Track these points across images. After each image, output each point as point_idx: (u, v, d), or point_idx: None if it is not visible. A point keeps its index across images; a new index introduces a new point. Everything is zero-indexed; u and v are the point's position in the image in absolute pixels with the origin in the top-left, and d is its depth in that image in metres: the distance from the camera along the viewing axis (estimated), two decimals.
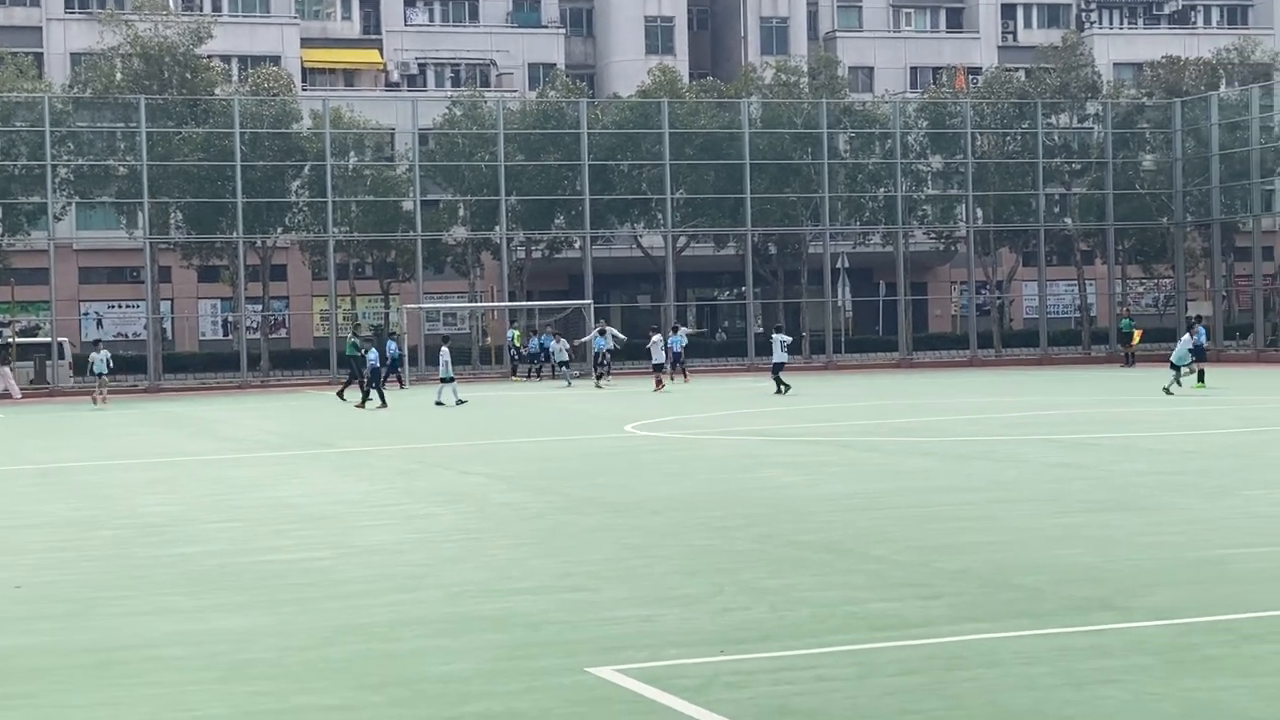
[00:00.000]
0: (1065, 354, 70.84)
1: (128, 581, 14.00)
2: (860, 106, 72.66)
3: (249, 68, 74.66)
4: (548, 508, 18.58)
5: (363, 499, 20.26)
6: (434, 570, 14.05)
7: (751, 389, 48.22)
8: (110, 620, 12.12)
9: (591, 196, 65.68)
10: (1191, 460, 22.26)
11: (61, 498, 21.40)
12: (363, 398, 42.88)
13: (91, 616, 12.29)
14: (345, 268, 68.63)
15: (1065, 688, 9.01)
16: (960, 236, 72.07)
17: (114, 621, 12.06)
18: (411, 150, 65.63)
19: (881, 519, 16.69)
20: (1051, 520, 16.26)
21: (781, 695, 9.03)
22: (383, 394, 42.85)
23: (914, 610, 11.55)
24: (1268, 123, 68.43)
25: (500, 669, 9.95)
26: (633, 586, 12.89)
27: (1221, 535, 14.91)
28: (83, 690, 9.73)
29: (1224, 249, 70.74)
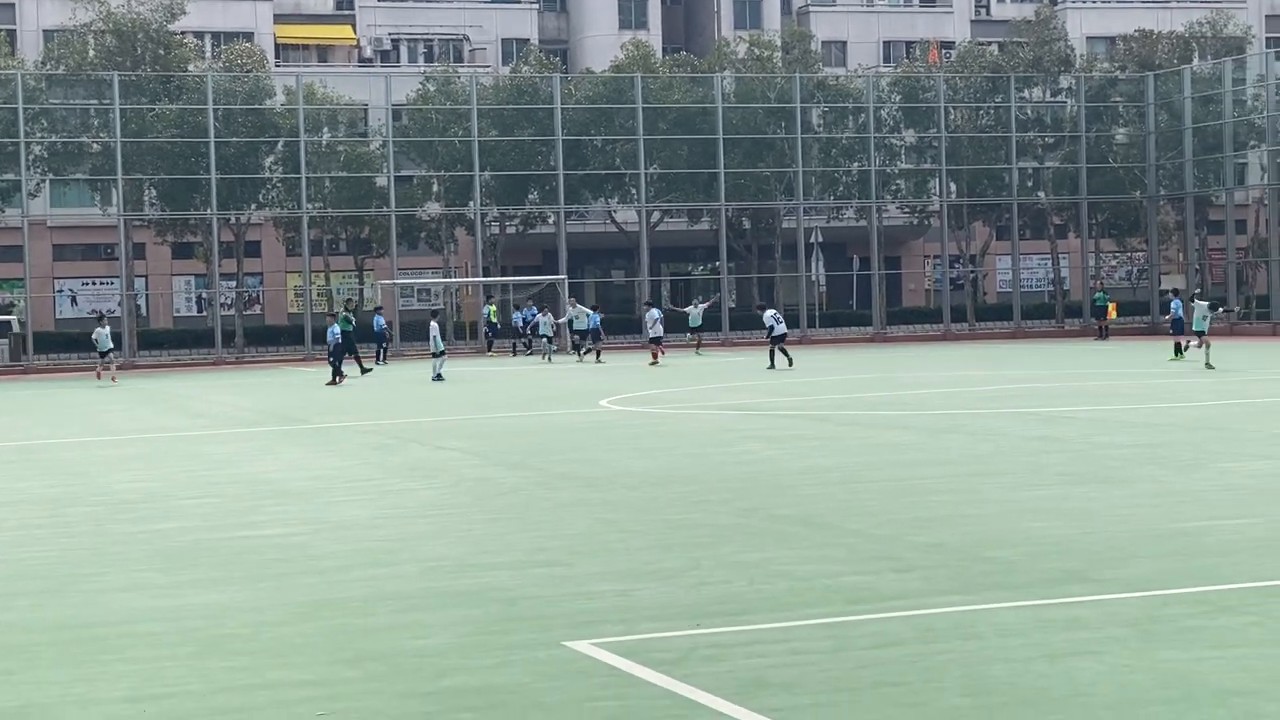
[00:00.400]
0: (1039, 328, 71.00)
1: (103, 558, 13.96)
2: (833, 81, 72.59)
3: (222, 44, 74.33)
4: (523, 482, 18.57)
5: (337, 474, 20.23)
6: (409, 545, 14.04)
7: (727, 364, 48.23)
8: (86, 597, 12.09)
9: (565, 172, 65.59)
10: (1166, 433, 22.33)
11: (36, 475, 21.34)
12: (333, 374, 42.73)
13: (67, 593, 12.26)
14: (319, 244, 68.44)
15: (1041, 660, 9.03)
16: (934, 211, 72.17)
17: (90, 598, 12.03)
18: (385, 126, 65.44)
19: (858, 492, 16.71)
20: (1027, 493, 16.30)
21: (758, 668, 9.04)
22: (342, 370, 42.64)
23: (890, 583, 11.57)
24: (1240, 96, 68.58)
25: (476, 644, 9.94)
26: (608, 561, 12.89)
27: (1196, 507, 14.96)
28: (59, 666, 9.70)
29: (1197, 222, 70.90)
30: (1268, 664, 8.77)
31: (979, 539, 13.35)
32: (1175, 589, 11.01)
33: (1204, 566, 11.85)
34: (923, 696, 8.33)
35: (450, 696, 8.68)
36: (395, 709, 8.47)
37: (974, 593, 11.08)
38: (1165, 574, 11.58)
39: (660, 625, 10.29)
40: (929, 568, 12.12)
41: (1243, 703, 8.01)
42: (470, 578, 12.31)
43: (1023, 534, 13.57)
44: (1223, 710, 7.88)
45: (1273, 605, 10.37)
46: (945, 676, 8.73)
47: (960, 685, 8.53)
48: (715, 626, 10.18)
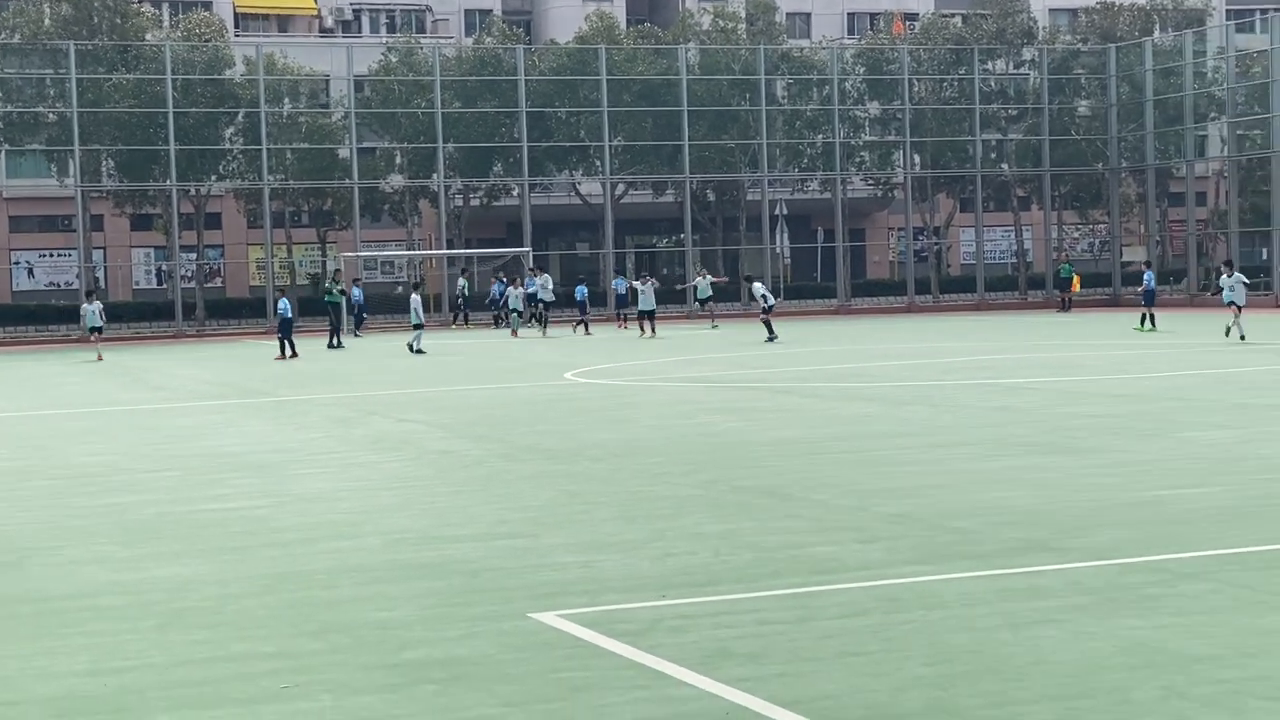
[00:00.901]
0: (1002, 299, 71.19)
1: (63, 531, 13.89)
2: (798, 53, 72.55)
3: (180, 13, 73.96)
4: (487, 455, 18.55)
5: (300, 447, 20.17)
6: (372, 518, 14.01)
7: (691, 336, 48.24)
8: (46, 570, 12.03)
9: (529, 144, 65.43)
10: (1127, 403, 22.42)
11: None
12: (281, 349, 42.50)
13: (27, 567, 12.20)
14: (281, 216, 68.17)
15: (1004, 628, 9.06)
16: (898, 183, 72.26)
17: (50, 571, 11.97)
18: (347, 97, 65.17)
19: (821, 464, 16.73)
20: (990, 463, 16.35)
21: (723, 639, 9.05)
22: (293, 344, 42.26)
23: (854, 553, 11.59)
24: (1201, 68, 68.80)
25: (440, 615, 9.93)
26: (573, 533, 12.88)
27: (1157, 477, 15.02)
28: (20, 640, 9.65)
29: (1158, 194, 71.15)
30: (1228, 631, 8.82)
31: (942, 509, 13.38)
32: (1136, 557, 11.05)
33: (1165, 535, 11.90)
34: (887, 666, 8.35)
35: (414, 668, 8.66)
36: (359, 681, 8.45)
37: (938, 562, 11.11)
38: (1127, 542, 11.63)
39: (625, 596, 10.29)
40: (893, 538, 12.15)
41: (1203, 669, 8.05)
42: (434, 550, 12.29)
43: (986, 504, 13.61)
44: (1183, 676, 7.92)
45: (1233, 573, 10.42)
46: (910, 645, 8.75)
47: (924, 654, 8.55)
48: (680, 597, 10.18)
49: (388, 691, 8.22)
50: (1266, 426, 18.96)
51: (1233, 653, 8.36)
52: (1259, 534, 11.86)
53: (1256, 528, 12.14)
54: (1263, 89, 64.72)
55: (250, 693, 8.28)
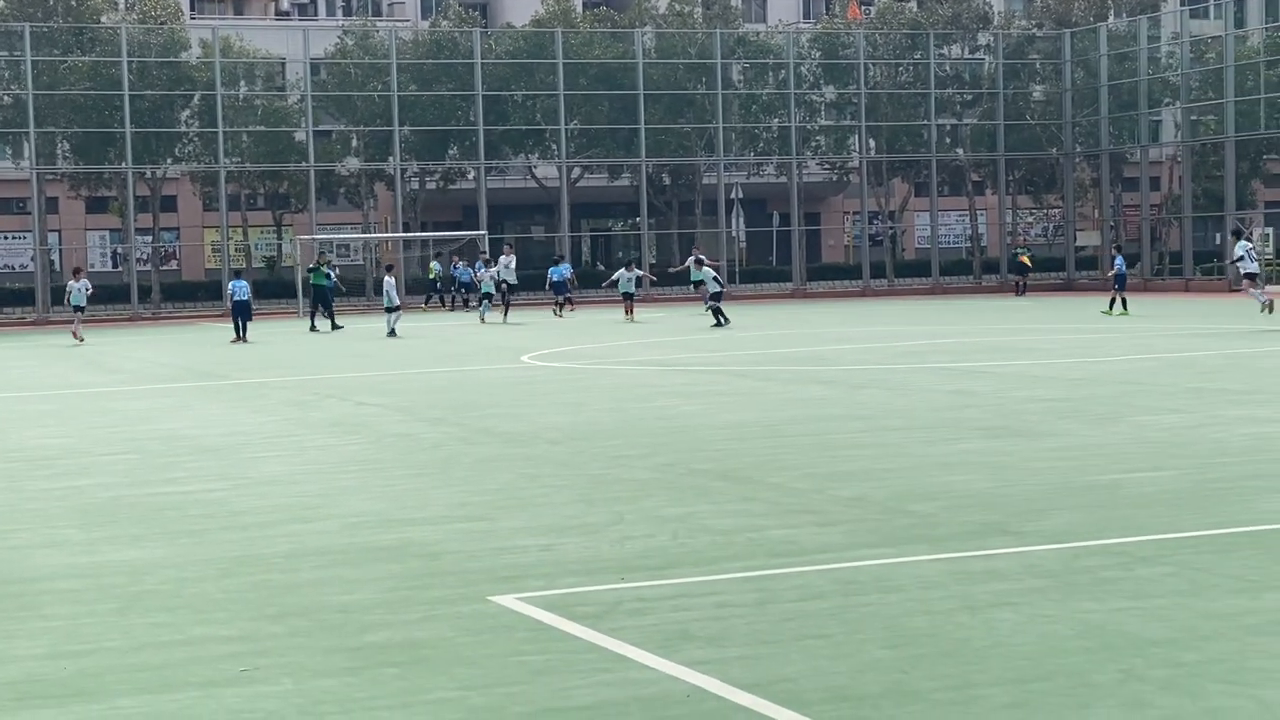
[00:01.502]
0: (957, 284, 71.44)
1: (19, 515, 13.82)
2: (754, 37, 72.59)
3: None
4: (444, 438, 18.53)
5: (257, 430, 20.11)
6: (331, 501, 13.99)
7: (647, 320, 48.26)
8: (2, 554, 11.97)
9: (485, 127, 65.33)
10: (1082, 387, 22.54)
11: None
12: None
13: None
14: (237, 199, 67.91)
15: (961, 611, 9.11)
16: (853, 167, 72.42)
17: (6, 555, 11.92)
18: (303, 80, 64.93)
19: (778, 447, 16.78)
20: (946, 447, 16.42)
21: (682, 621, 9.08)
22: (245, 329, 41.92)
23: (812, 536, 11.63)
24: (1155, 54, 69.12)
25: (400, 599, 9.93)
26: (532, 516, 12.89)
27: (1112, 460, 15.11)
28: None
29: (1112, 179, 71.49)
30: (1184, 614, 8.89)
31: (899, 492, 13.44)
32: (1093, 541, 11.12)
33: (1121, 518, 11.98)
34: (846, 648, 8.39)
35: (374, 651, 8.66)
36: (318, 664, 8.45)
37: (895, 545, 11.16)
38: (1083, 526, 11.70)
39: (584, 579, 10.31)
40: (851, 521, 12.20)
41: (1160, 652, 8.11)
42: (393, 533, 12.28)
43: (942, 487, 13.67)
44: (1140, 659, 7.98)
45: (1188, 556, 10.50)
46: (868, 628, 8.79)
47: (883, 637, 8.60)
48: (639, 580, 10.21)
49: (347, 675, 8.21)
50: (1220, 411, 19.09)
51: (1189, 636, 8.43)
52: (1214, 517, 11.95)
53: (1212, 511, 12.23)
54: (1217, 74, 65.08)
55: (209, 676, 8.26)
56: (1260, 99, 62.75)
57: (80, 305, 44.76)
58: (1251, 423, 17.72)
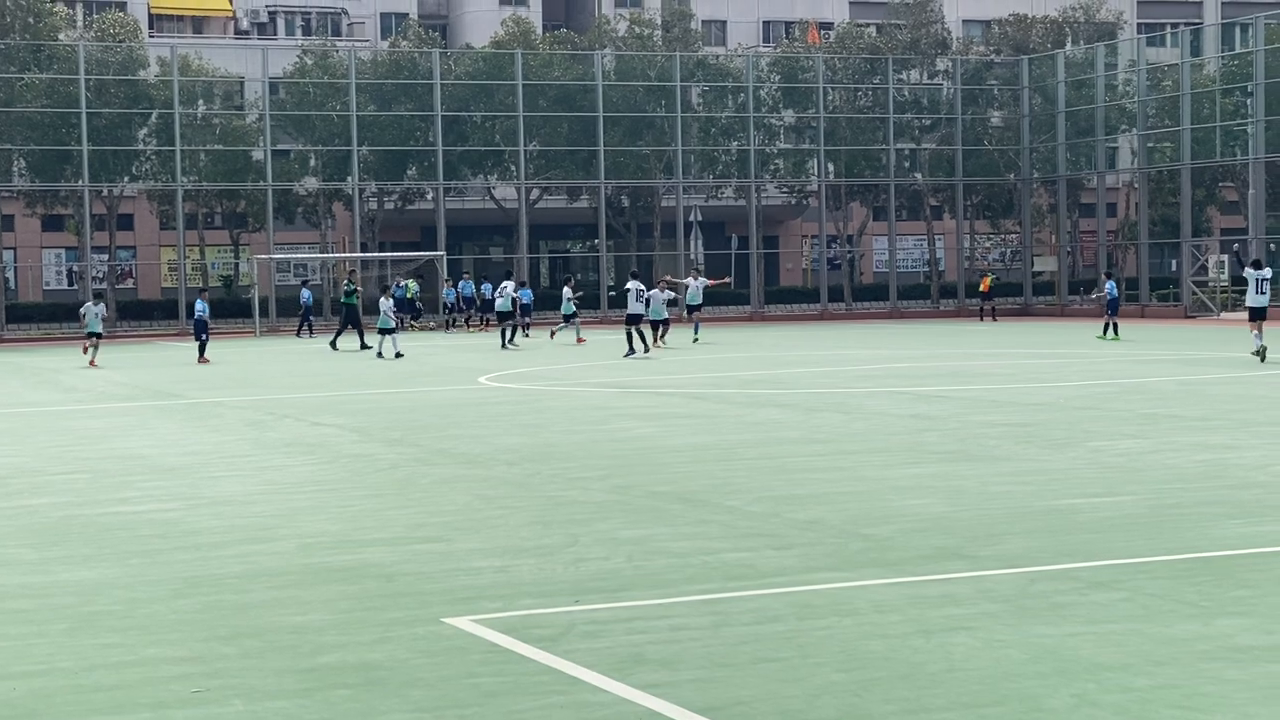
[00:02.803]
0: (914, 308, 71.66)
1: None
2: (713, 60, 72.78)
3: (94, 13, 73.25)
4: (401, 459, 18.48)
5: (213, 450, 20.02)
6: (286, 521, 13.92)
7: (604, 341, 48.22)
8: None
9: (444, 148, 65.29)
10: (1039, 412, 22.61)
11: None
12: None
13: None
14: (194, 218, 67.66)
15: (916, 635, 9.11)
16: (812, 190, 72.60)
17: None
18: (262, 99, 64.78)
19: (735, 470, 16.77)
20: (902, 471, 16.44)
21: (637, 644, 9.06)
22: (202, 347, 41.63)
23: (768, 560, 11.62)
24: (1112, 81, 69.55)
25: (354, 620, 9.88)
26: (487, 537, 12.85)
27: (1068, 485, 15.16)
28: None
29: (1069, 205, 71.85)
30: (1137, 639, 8.91)
31: (856, 516, 13.45)
32: (1048, 565, 11.15)
33: (1076, 543, 12.01)
34: (801, 672, 8.38)
35: (327, 673, 8.62)
36: (271, 685, 8.40)
37: (851, 569, 11.17)
38: (1038, 551, 11.73)
39: (539, 601, 10.28)
40: (806, 545, 12.20)
41: (1113, 676, 8.13)
42: (348, 554, 12.23)
43: (898, 511, 13.69)
44: (1093, 684, 7.99)
45: (1142, 581, 10.53)
46: (823, 652, 8.79)
47: (837, 661, 8.60)
48: (594, 603, 10.19)
49: (300, 696, 8.17)
50: (1175, 437, 19.18)
51: (1142, 661, 8.45)
52: (1168, 543, 11.99)
53: (1166, 537, 12.28)
54: (1173, 102, 65.50)
55: (161, 697, 8.20)
56: (1216, 127, 63.18)
57: (96, 331, 41.47)
58: (1206, 449, 17.80)
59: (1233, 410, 22.52)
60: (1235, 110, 64.39)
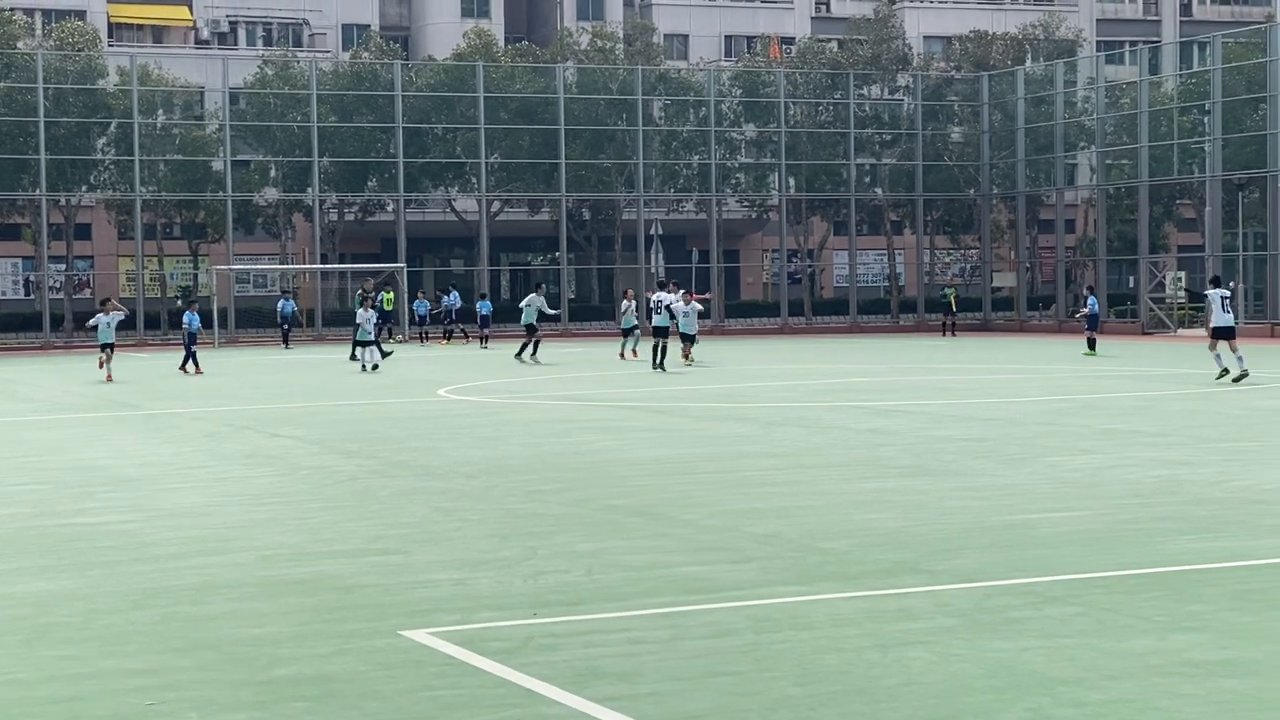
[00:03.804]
0: (874, 322, 71.85)
1: None
2: (675, 74, 72.92)
3: (53, 22, 72.93)
4: (359, 471, 18.45)
5: (171, 461, 19.95)
6: (244, 533, 13.88)
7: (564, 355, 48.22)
8: None
9: (405, 159, 65.23)
10: (996, 427, 22.70)
11: None
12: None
13: None
14: (153, 228, 67.40)
15: (873, 649, 9.15)
16: (773, 205, 72.75)
17: None
18: (222, 109, 64.58)
19: (693, 483, 16.80)
20: (860, 485, 16.49)
21: (594, 657, 9.07)
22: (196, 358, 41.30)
23: (726, 573, 11.65)
24: (1071, 98, 69.91)
25: (311, 632, 9.87)
26: (445, 550, 12.85)
27: (1024, 500, 15.23)
28: None
29: (1028, 221, 72.15)
30: (1091, 653, 8.96)
31: (813, 530, 13.49)
32: (1003, 580, 11.20)
33: (1031, 558, 12.07)
34: (758, 686, 8.41)
35: (284, 685, 8.60)
36: (227, 698, 8.38)
37: (808, 583, 11.20)
38: (994, 565, 11.79)
39: (497, 614, 10.28)
40: (764, 558, 12.23)
41: (1067, 691, 8.18)
42: (306, 566, 12.21)
43: (856, 525, 13.73)
44: (1048, 698, 8.04)
45: (1097, 596, 10.59)
46: (780, 666, 8.81)
47: (794, 674, 8.62)
48: (552, 616, 10.19)
49: (256, 709, 8.15)
50: (1131, 452, 19.28)
51: (1096, 675, 8.50)
52: (1123, 558, 12.06)
53: (1121, 552, 12.35)
54: (1131, 119, 65.87)
55: (117, 709, 8.18)
56: (1173, 144, 63.55)
57: (109, 342, 38.65)
58: (1162, 465, 17.90)
59: (1189, 427, 22.66)
60: (1192, 128, 64.78)
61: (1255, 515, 14.09)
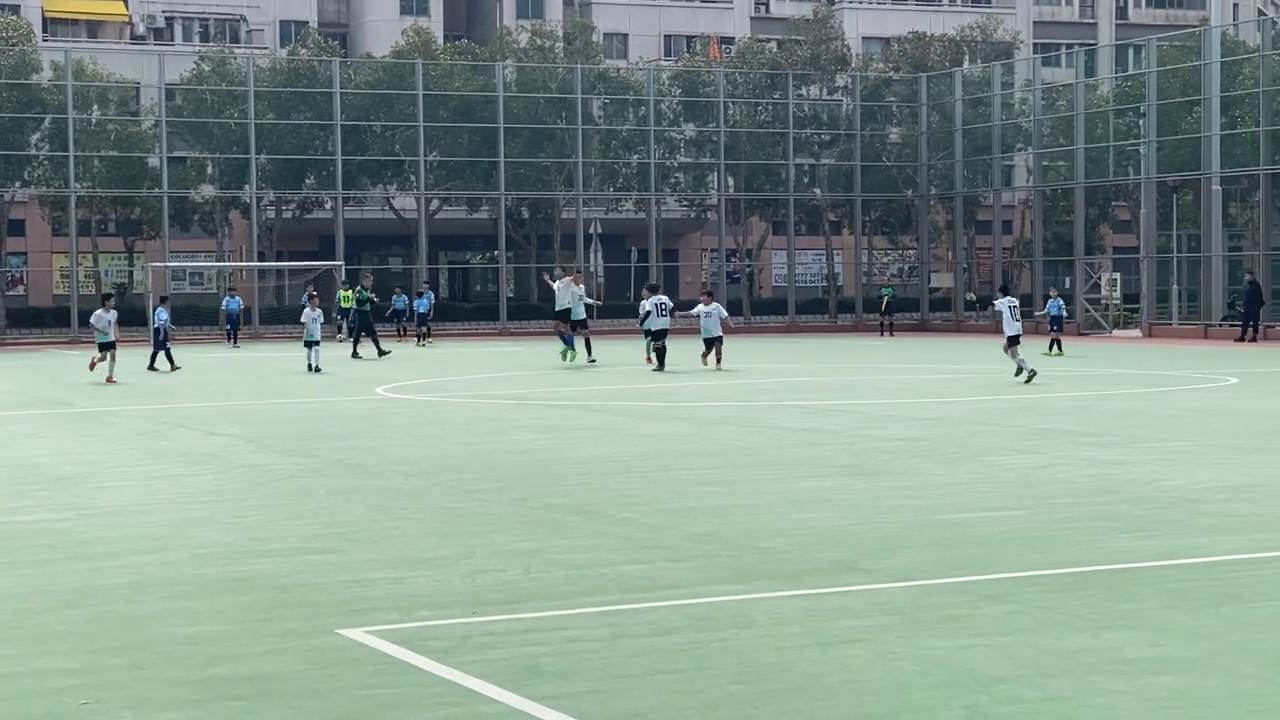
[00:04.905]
0: (812, 322, 72.04)
1: None
2: (615, 73, 72.94)
3: None
4: (296, 469, 18.35)
5: (105, 459, 19.80)
6: (179, 532, 13.79)
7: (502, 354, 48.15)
8: None
9: (344, 157, 64.99)
10: (933, 427, 22.79)
11: None
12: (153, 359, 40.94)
13: None
14: (87, 224, 66.90)
15: (812, 647, 9.16)
16: (712, 204, 72.84)
17: None
18: (158, 105, 64.16)
19: (632, 482, 16.80)
20: (799, 484, 16.52)
21: (533, 656, 9.05)
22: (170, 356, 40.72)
23: (665, 572, 11.64)
24: (1008, 100, 70.31)
25: (247, 631, 9.80)
26: (383, 548, 12.79)
27: (962, 499, 15.30)
28: None
29: (966, 222, 72.53)
30: (1028, 652, 9.00)
31: (752, 529, 13.50)
32: (941, 579, 11.24)
33: (969, 557, 12.12)
34: (697, 684, 8.40)
35: (220, 684, 8.54)
36: (162, 697, 8.31)
37: (747, 582, 11.21)
38: (932, 564, 11.83)
39: (435, 613, 10.24)
40: (703, 557, 12.23)
41: (1004, 688, 8.21)
42: (242, 564, 12.13)
43: (795, 524, 13.75)
44: (985, 696, 8.07)
45: (1033, 594, 10.64)
46: (719, 664, 8.81)
47: (734, 672, 8.62)
48: (490, 614, 10.16)
49: (191, 708, 8.09)
50: (1067, 452, 19.39)
51: (1033, 673, 8.54)
52: (1059, 557, 12.13)
53: (1057, 550, 12.41)
54: (1067, 121, 66.30)
55: (50, 709, 8.10)
56: (1109, 146, 63.99)
57: (108, 342, 36.06)
58: (1096, 464, 18.01)
59: (1123, 426, 22.82)
60: (1128, 130, 65.25)
61: (1187, 514, 14.20)
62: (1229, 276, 60.76)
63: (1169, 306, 62.07)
